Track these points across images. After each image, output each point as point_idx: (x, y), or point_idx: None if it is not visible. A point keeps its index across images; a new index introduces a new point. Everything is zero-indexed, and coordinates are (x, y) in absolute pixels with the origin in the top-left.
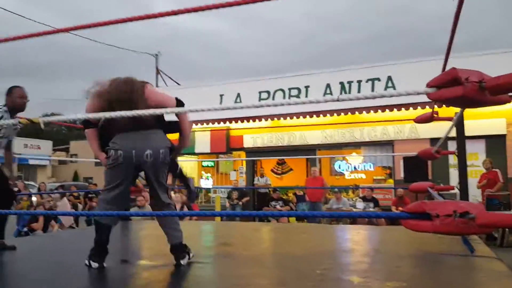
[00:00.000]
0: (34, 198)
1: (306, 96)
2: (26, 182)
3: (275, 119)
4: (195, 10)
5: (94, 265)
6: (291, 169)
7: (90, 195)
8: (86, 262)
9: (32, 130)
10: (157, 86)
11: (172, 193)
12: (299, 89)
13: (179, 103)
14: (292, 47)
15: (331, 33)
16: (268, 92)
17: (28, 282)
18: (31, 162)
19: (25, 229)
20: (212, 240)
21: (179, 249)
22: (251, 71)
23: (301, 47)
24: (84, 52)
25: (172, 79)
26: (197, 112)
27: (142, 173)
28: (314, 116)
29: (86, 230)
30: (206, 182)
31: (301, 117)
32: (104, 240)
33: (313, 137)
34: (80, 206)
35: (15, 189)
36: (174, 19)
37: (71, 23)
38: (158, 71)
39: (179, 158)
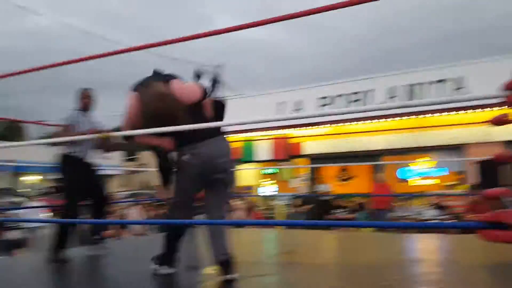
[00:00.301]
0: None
1: (369, 100)
2: None
3: (336, 125)
4: (259, 24)
5: (164, 271)
6: (354, 176)
7: (158, 203)
8: (156, 267)
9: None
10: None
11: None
12: (361, 94)
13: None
14: (353, 52)
15: (393, 36)
16: (329, 97)
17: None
18: (103, 172)
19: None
20: (275, 248)
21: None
22: (312, 78)
23: (362, 52)
24: (153, 67)
25: (233, 90)
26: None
27: None
28: (377, 120)
29: (155, 237)
30: (268, 190)
31: (363, 121)
32: (175, 246)
33: (377, 142)
34: (150, 214)
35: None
36: (243, 33)
37: (138, 39)
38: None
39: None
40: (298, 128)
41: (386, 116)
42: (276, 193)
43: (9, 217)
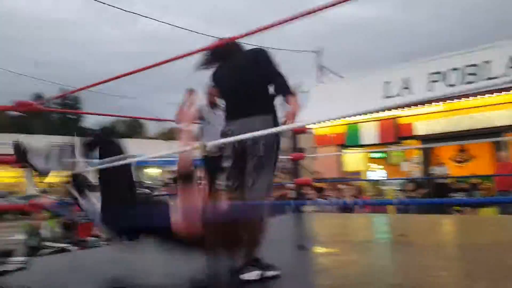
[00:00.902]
0: None
1: (487, 73)
2: None
3: (450, 101)
4: None
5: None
6: (473, 157)
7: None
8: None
9: None
10: (319, 82)
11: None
12: (477, 66)
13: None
14: (465, 22)
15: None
16: (440, 73)
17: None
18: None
19: None
20: (389, 231)
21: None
22: (420, 53)
23: (476, 21)
24: None
25: (334, 73)
26: (362, 103)
27: None
28: (496, 94)
29: None
30: (378, 174)
31: (481, 96)
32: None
33: (499, 117)
34: None
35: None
36: (333, 13)
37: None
38: (320, 68)
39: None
40: (407, 108)
41: (508, 88)
42: (385, 177)
43: None
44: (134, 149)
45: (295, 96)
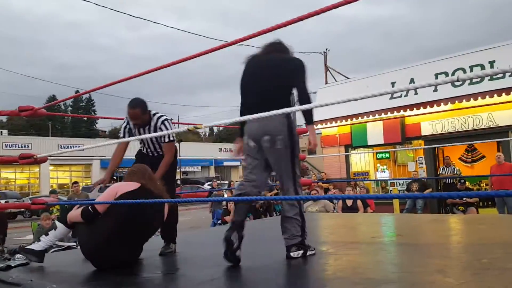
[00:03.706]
0: (225, 195)
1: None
2: (218, 182)
3: (456, 101)
4: None
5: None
6: (483, 156)
7: None
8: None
9: (225, 135)
10: (326, 82)
11: None
12: (482, 66)
13: None
14: (477, 22)
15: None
16: (446, 73)
17: (212, 262)
18: (225, 163)
19: (219, 221)
20: (385, 231)
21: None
22: (431, 53)
23: (487, 22)
24: None
25: (341, 74)
26: (368, 103)
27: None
28: (504, 94)
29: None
30: (382, 175)
31: (487, 96)
32: (240, 212)
33: (504, 117)
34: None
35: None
36: (347, 12)
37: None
38: (327, 68)
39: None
40: (414, 109)
41: None
42: (390, 177)
43: None
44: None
45: (313, 126)
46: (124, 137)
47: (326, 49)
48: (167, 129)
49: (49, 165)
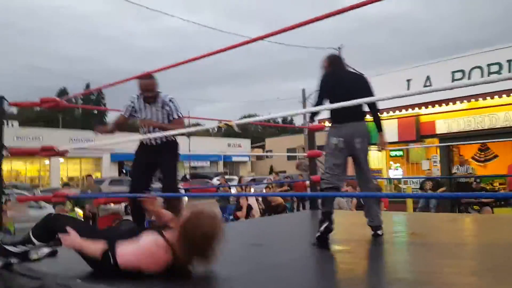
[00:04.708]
0: (233, 190)
1: (510, 71)
2: (227, 177)
3: (472, 100)
4: None
5: (321, 227)
6: (496, 156)
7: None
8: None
9: (232, 131)
10: None
11: None
12: (500, 65)
13: None
14: (492, 20)
15: None
16: (462, 71)
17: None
18: (234, 159)
19: (231, 217)
20: (402, 230)
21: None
22: (444, 51)
23: (502, 20)
24: (276, 56)
25: (355, 70)
26: (383, 100)
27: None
28: None
29: (277, 217)
30: (395, 173)
31: (504, 95)
32: (330, 212)
33: None
34: None
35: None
36: (371, 10)
37: (262, 28)
38: None
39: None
40: (429, 107)
41: None
42: (403, 175)
43: None
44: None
45: (383, 132)
46: (124, 114)
47: (341, 45)
48: (175, 106)
49: (59, 157)
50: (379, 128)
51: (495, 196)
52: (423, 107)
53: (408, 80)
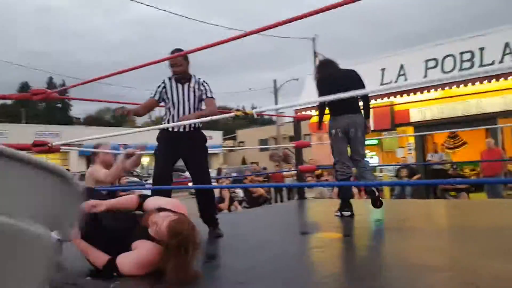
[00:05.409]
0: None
1: (481, 60)
2: None
3: (446, 88)
4: None
5: (346, 214)
6: (464, 143)
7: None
8: (338, 213)
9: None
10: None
11: None
12: (472, 53)
13: None
14: (458, 7)
15: None
16: (435, 60)
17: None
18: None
19: None
20: (385, 217)
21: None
22: (416, 40)
23: (470, 6)
24: (246, 47)
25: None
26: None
27: None
28: (493, 80)
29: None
30: (371, 161)
31: (477, 83)
32: (348, 193)
33: (492, 104)
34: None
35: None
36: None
37: (230, 19)
38: (315, 54)
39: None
40: (403, 95)
41: (502, 75)
42: (378, 164)
43: None
44: (125, 138)
45: (369, 119)
46: (154, 97)
47: (315, 35)
48: (209, 87)
49: (25, 153)
50: (367, 115)
51: (469, 182)
52: (398, 96)
53: (383, 69)
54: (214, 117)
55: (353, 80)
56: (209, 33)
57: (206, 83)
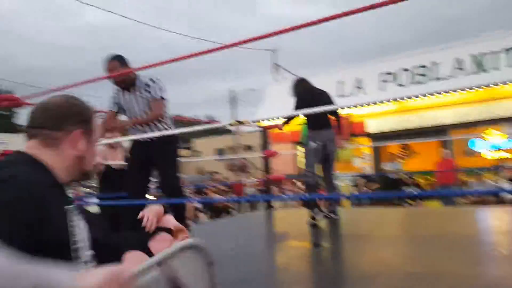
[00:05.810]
0: None
1: (437, 72)
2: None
3: (400, 100)
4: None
5: (318, 216)
6: (414, 152)
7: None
8: (312, 221)
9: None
10: (275, 80)
11: None
12: (425, 67)
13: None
14: (412, 24)
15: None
16: (391, 73)
17: None
18: None
19: None
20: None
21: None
22: (371, 54)
23: (422, 23)
24: (201, 57)
25: (290, 72)
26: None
27: None
28: (444, 93)
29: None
30: None
31: (431, 96)
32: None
33: (445, 116)
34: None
35: None
36: (291, 14)
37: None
38: (275, 66)
39: None
40: (359, 107)
41: (454, 89)
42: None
43: None
44: None
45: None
46: (112, 109)
47: (275, 47)
48: (157, 86)
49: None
50: (340, 129)
51: (425, 195)
52: (354, 107)
53: (340, 82)
54: (190, 129)
55: (326, 99)
56: (163, 39)
57: (153, 80)
